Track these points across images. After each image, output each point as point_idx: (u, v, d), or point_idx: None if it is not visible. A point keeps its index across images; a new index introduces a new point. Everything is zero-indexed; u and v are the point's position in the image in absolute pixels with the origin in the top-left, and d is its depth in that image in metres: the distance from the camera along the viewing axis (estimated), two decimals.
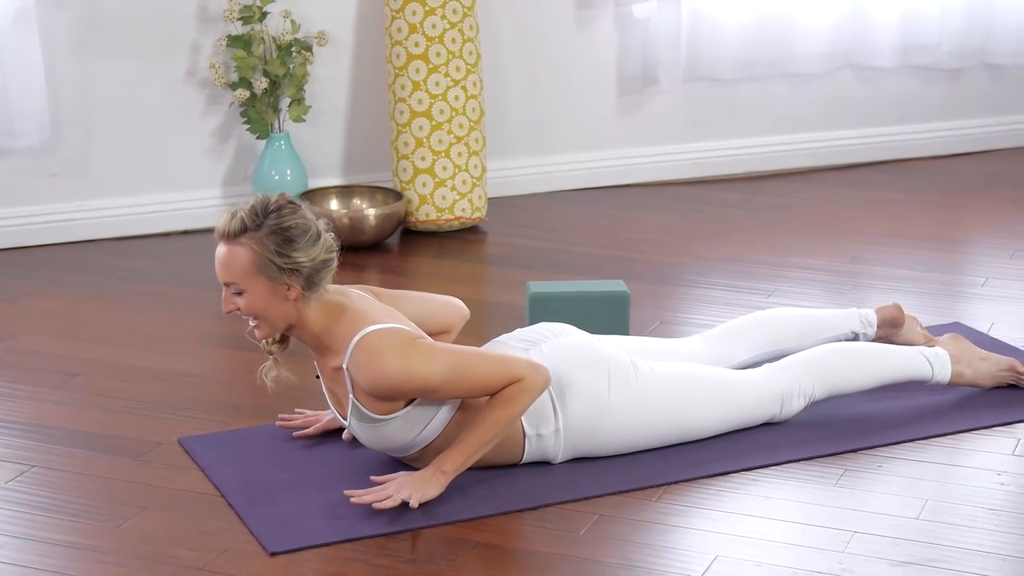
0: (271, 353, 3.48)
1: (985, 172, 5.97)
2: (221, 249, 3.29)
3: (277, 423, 3.68)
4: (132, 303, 4.61)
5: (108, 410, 3.84)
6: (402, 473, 3.33)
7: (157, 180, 5.24)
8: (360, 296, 3.41)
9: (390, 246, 5.15)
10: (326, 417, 3.67)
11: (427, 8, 5.14)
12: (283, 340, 3.48)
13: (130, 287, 4.75)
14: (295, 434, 3.66)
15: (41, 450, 3.62)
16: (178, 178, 5.26)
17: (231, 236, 3.27)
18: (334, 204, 5.22)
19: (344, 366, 3.30)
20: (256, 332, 3.35)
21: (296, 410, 3.72)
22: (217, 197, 5.30)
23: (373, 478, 3.34)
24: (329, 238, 3.33)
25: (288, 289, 3.27)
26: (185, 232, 5.28)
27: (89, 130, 5.13)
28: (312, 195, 5.18)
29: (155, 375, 4.06)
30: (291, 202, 3.31)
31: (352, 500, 3.26)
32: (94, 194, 5.18)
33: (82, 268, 4.92)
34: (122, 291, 4.71)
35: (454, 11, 5.17)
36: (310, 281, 3.29)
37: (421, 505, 3.26)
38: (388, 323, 3.31)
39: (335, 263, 3.34)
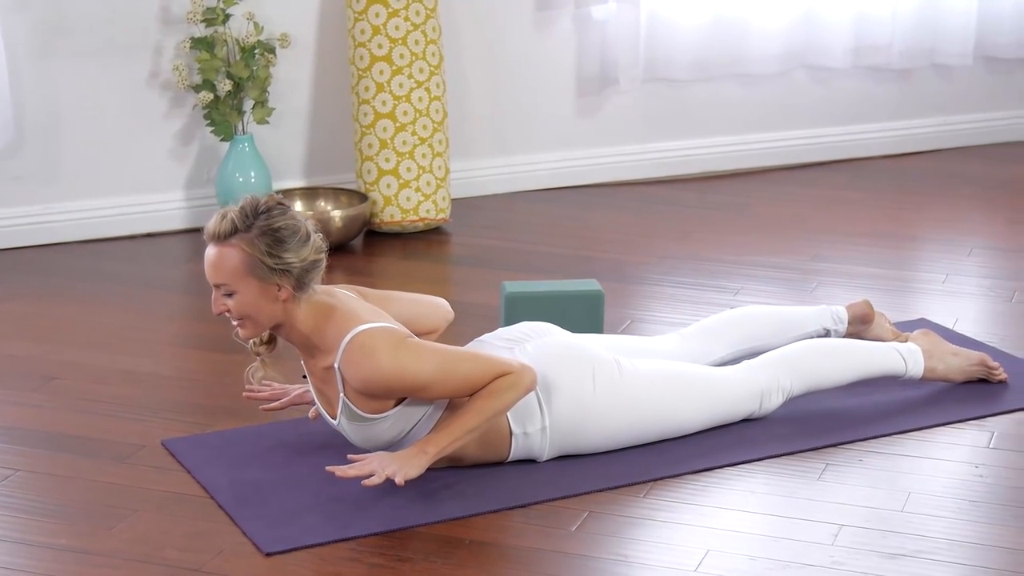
0: (258, 354, 3.49)
1: (936, 171, 6.06)
2: (211, 250, 3.30)
3: (244, 394, 3.65)
4: (103, 306, 4.60)
5: (89, 413, 3.84)
6: (380, 452, 3.34)
7: (121, 183, 5.23)
8: (348, 296, 3.43)
9: (355, 248, 5.17)
10: (294, 391, 3.66)
11: (390, 10, 5.16)
12: (271, 341, 3.49)
13: (100, 290, 4.74)
14: (262, 407, 3.64)
15: (24, 454, 3.61)
16: (142, 181, 5.25)
17: (221, 237, 3.28)
18: (299, 206, 5.23)
19: (335, 365, 3.32)
20: (240, 332, 3.36)
21: (263, 381, 3.68)
22: (180, 200, 5.30)
23: (350, 456, 3.34)
24: (318, 239, 3.35)
25: (279, 290, 3.29)
26: (149, 235, 5.27)
27: (53, 133, 5.12)
28: None
29: (133, 378, 4.06)
30: (280, 203, 3.33)
31: (336, 475, 3.26)
32: (58, 197, 5.17)
33: (50, 271, 4.90)
34: (92, 294, 4.70)
35: (417, 13, 5.19)
36: (300, 282, 3.30)
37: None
38: (378, 322, 3.33)
39: (324, 263, 3.36)
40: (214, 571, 3.08)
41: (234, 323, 3.36)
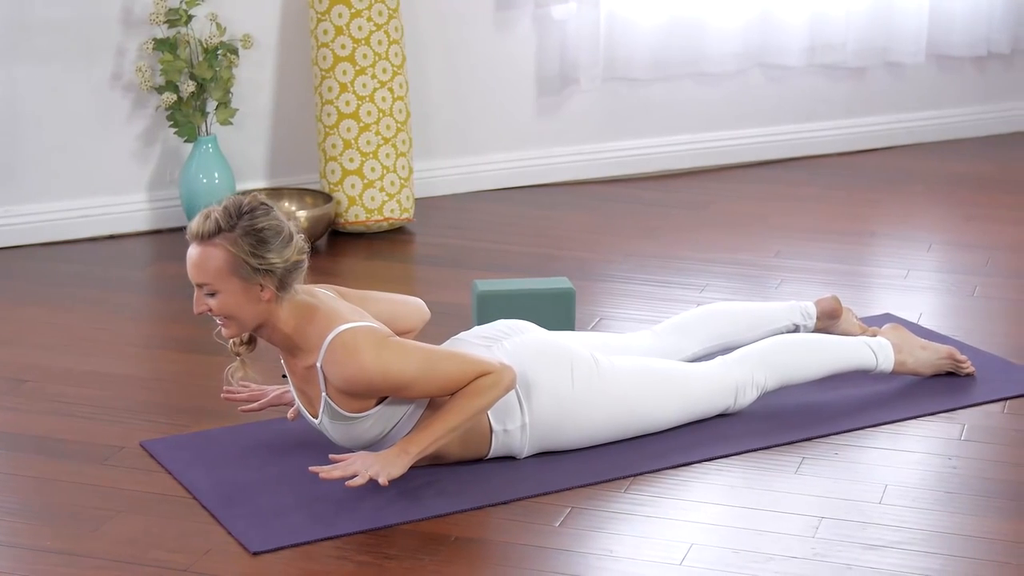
0: (238, 354, 3.49)
1: (890, 167, 6.13)
2: (194, 250, 3.30)
3: (223, 395, 3.65)
4: (70, 308, 4.59)
5: (64, 415, 3.83)
6: (362, 452, 3.36)
7: (83, 185, 5.21)
8: (329, 296, 3.44)
9: (319, 248, 5.17)
10: (273, 392, 3.67)
11: (353, 10, 5.17)
12: (251, 341, 3.49)
13: (65, 292, 4.73)
14: (241, 408, 3.65)
15: (2, 457, 3.60)
16: (104, 183, 5.24)
17: (205, 237, 3.28)
18: None
19: (318, 364, 3.33)
20: (224, 331, 3.36)
21: (242, 382, 3.66)
22: (143, 201, 5.29)
23: (332, 456, 3.35)
24: (300, 239, 3.36)
25: (261, 290, 3.29)
26: (112, 237, 5.26)
27: (14, 135, 5.10)
28: None
29: (106, 379, 4.05)
30: (264, 203, 3.34)
31: (320, 476, 3.27)
32: (19, 200, 5.14)
33: (13, 274, 4.88)
34: (58, 296, 4.69)
35: (380, 13, 5.20)
36: (283, 282, 3.31)
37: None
38: (361, 322, 3.35)
39: (306, 264, 3.37)
40: (202, 571, 3.09)
41: (218, 321, 3.35)
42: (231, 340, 3.44)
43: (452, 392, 3.36)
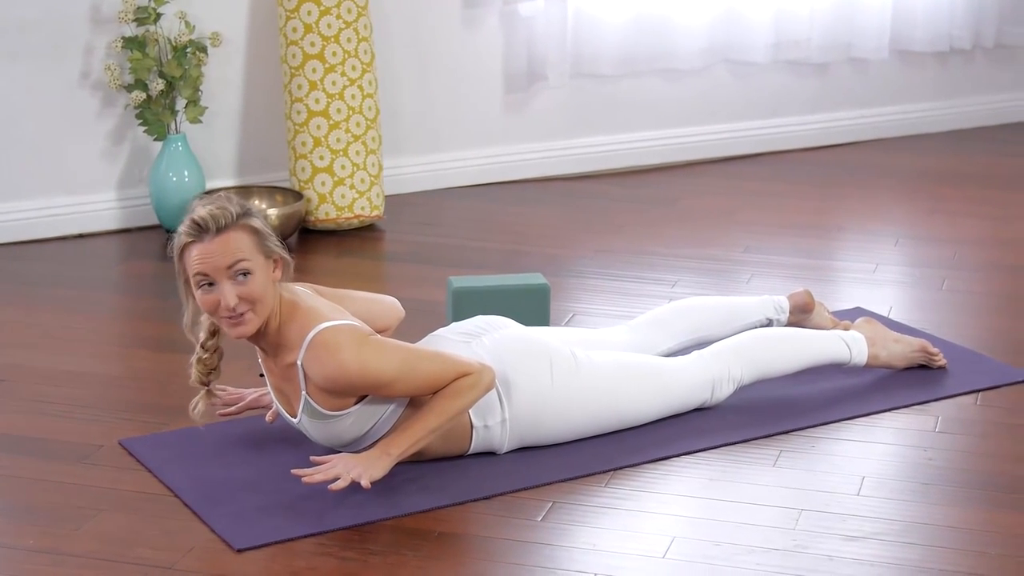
0: (206, 384, 3.47)
1: (855, 162, 6.18)
2: (216, 239, 3.25)
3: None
4: (42, 307, 4.57)
5: (41, 414, 3.82)
6: (344, 454, 3.37)
7: (52, 184, 5.20)
8: (307, 294, 3.45)
9: (290, 246, 5.13)
10: (250, 395, 3.68)
11: (322, 8, 5.17)
12: (215, 369, 3.48)
13: (36, 292, 4.72)
14: (219, 412, 3.65)
15: None
16: (73, 182, 5.22)
17: (229, 222, 3.27)
18: None
19: (298, 362, 3.34)
20: (245, 327, 3.29)
21: (218, 387, 3.64)
22: (112, 200, 5.28)
23: (313, 458, 3.36)
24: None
25: (274, 270, 3.32)
26: (81, 236, 5.24)
27: None
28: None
29: (82, 378, 4.04)
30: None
31: (303, 480, 3.28)
32: None
33: None
34: (29, 296, 4.67)
35: (349, 11, 5.21)
36: (284, 268, 3.37)
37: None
38: (341, 319, 3.36)
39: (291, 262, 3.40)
40: (187, 568, 3.10)
41: (241, 313, 3.28)
42: (210, 366, 3.43)
43: (432, 391, 3.38)
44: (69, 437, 3.69)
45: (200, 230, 3.26)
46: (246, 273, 3.27)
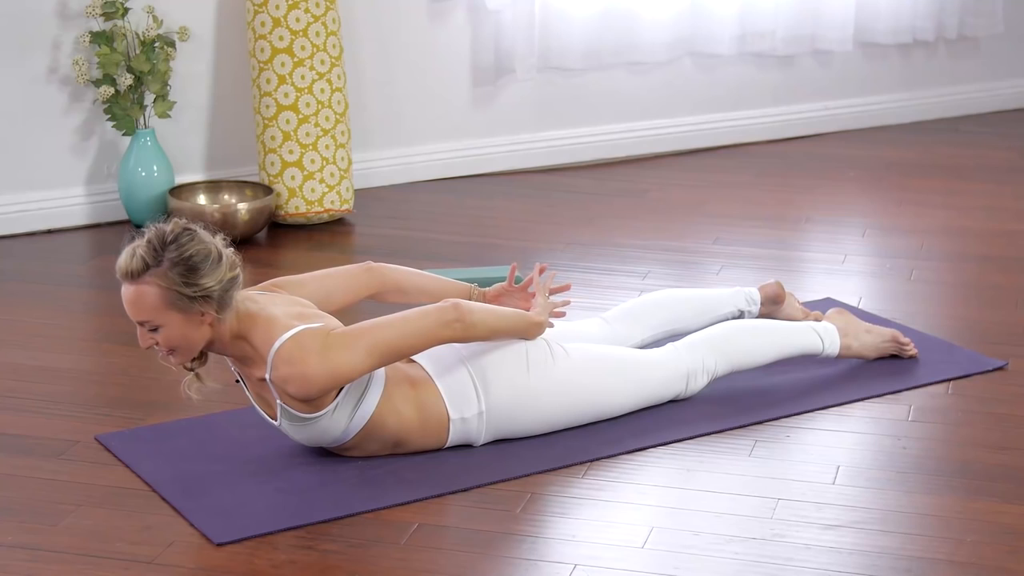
0: (191, 369, 3.46)
1: (820, 154, 6.22)
2: (127, 290, 3.26)
3: None
4: (11, 303, 4.56)
5: (15, 411, 3.81)
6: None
7: (20, 179, 5.18)
8: (265, 298, 3.42)
9: (259, 240, 5.17)
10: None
11: (290, 2, 5.16)
12: (201, 356, 3.46)
13: (6, 288, 4.70)
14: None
15: None
16: (41, 177, 5.20)
17: (134, 276, 3.24)
18: (202, 199, 5.22)
19: (267, 378, 3.33)
20: (173, 359, 3.34)
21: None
22: (81, 195, 5.26)
23: None
24: (229, 254, 3.33)
25: (202, 315, 3.28)
26: (49, 231, 5.22)
27: None
28: (180, 191, 5.18)
29: (55, 374, 4.03)
30: (187, 228, 3.30)
31: None
32: None
33: None
34: None
35: (317, 5, 5.20)
36: (221, 303, 3.29)
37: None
38: (299, 325, 3.33)
39: (241, 277, 3.34)
40: (168, 563, 3.10)
41: (164, 353, 3.32)
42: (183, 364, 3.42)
43: (416, 350, 3.41)
44: (44, 433, 3.68)
45: (119, 273, 3.27)
46: (153, 329, 3.27)
